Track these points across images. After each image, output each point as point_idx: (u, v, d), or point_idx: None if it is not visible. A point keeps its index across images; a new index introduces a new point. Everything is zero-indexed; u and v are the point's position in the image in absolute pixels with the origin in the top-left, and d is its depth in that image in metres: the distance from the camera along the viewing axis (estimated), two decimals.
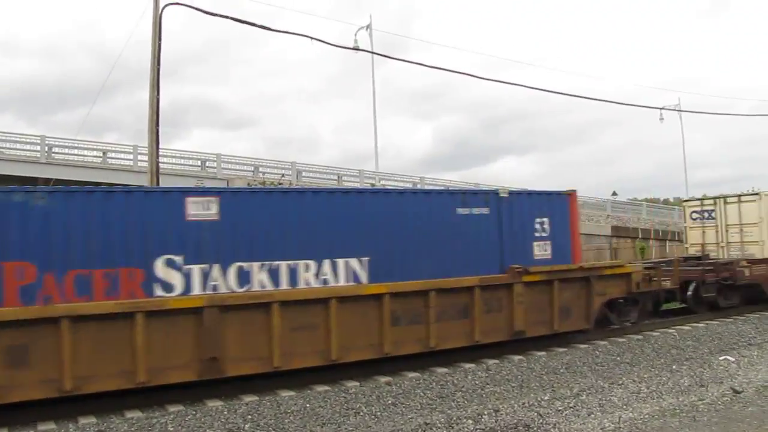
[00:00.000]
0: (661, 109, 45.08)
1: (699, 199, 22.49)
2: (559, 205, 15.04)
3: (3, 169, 30.18)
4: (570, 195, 15.41)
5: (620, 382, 11.12)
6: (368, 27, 41.84)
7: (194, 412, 9.39)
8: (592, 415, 9.05)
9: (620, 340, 14.22)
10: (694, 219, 21.68)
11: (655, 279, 15.27)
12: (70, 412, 9.36)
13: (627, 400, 9.89)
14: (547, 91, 49.53)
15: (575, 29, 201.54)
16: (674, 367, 12.23)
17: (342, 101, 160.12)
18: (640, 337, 14.52)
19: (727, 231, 20.60)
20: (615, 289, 14.49)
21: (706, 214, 21.27)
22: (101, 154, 34.25)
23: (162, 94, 19.06)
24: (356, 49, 30.01)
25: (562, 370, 11.94)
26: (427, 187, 41.54)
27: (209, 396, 10.16)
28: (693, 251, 21.06)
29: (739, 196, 20.75)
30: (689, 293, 17.18)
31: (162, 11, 19.27)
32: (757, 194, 20.18)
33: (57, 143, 33.34)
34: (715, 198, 21.34)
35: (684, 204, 23.28)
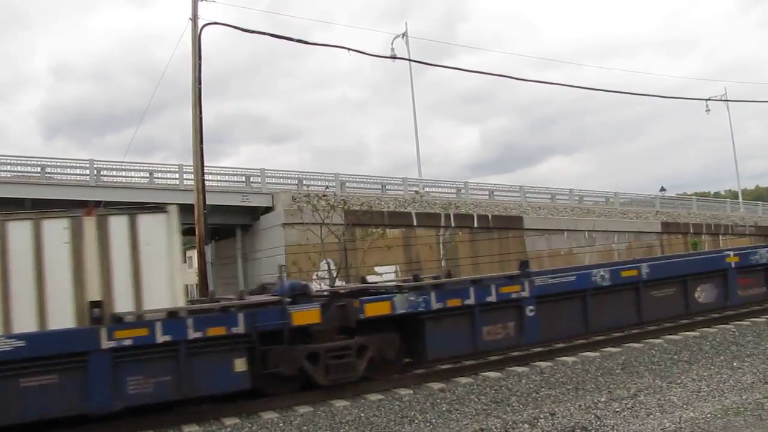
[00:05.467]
0: (707, 100, 44.03)
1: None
2: None
3: (55, 193, 30.90)
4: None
5: (679, 381, 10.87)
6: (404, 35, 41.98)
7: (250, 425, 9.48)
8: (652, 416, 8.86)
9: (676, 338, 13.89)
10: None
11: None
12: (126, 428, 9.55)
13: (687, 399, 9.65)
14: (594, 89, 48.53)
15: (620, 24, 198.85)
16: (735, 364, 11.90)
17: (387, 109, 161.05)
18: (696, 334, 14.17)
19: None
20: None
21: None
22: (148, 175, 34.90)
23: (208, 111, 19.46)
24: (393, 57, 30.16)
25: (617, 371, 11.72)
26: (471, 192, 41.37)
27: (264, 408, 10.25)
28: None
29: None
30: None
31: (201, 32, 19.66)
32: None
33: (105, 166, 34.09)
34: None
35: None
